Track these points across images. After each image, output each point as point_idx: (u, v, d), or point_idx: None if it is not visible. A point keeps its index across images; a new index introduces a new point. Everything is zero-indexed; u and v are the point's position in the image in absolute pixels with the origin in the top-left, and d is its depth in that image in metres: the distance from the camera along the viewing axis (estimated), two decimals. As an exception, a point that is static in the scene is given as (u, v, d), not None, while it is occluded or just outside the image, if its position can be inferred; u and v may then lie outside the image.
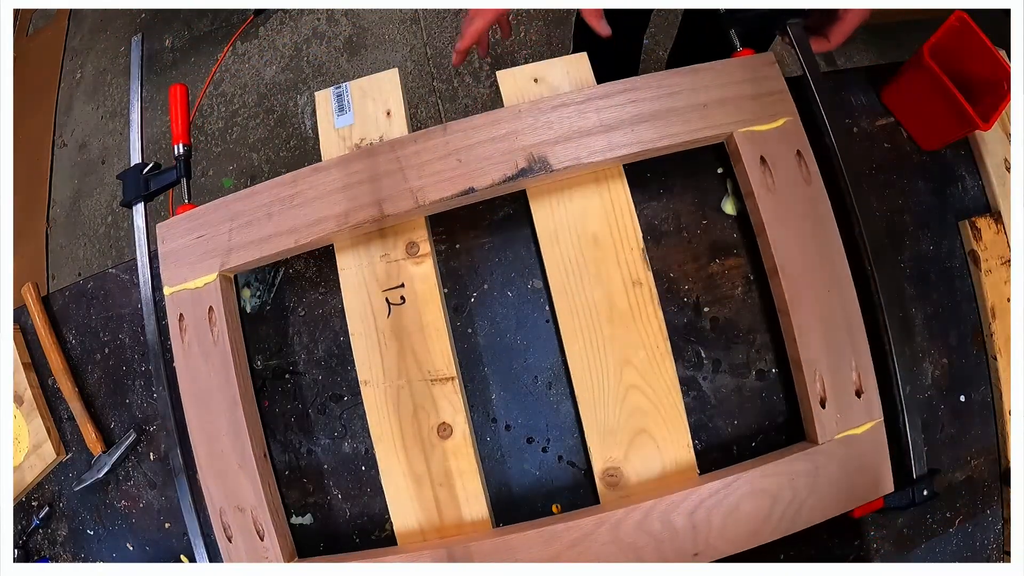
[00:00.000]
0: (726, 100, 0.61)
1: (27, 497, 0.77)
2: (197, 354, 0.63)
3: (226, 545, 0.61)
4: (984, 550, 0.65)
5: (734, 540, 0.55)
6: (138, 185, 0.73)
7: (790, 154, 0.60)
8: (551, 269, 0.63)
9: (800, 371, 0.58)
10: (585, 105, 0.61)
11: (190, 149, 0.74)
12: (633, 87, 0.61)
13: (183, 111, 0.75)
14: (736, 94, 0.61)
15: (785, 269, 0.58)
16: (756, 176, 0.60)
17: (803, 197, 0.60)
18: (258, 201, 0.63)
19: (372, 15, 1.89)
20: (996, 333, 0.65)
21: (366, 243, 0.65)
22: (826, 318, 0.58)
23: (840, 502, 0.56)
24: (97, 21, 2.18)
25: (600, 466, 0.60)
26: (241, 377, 0.63)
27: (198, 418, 0.63)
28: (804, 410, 0.60)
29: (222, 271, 0.63)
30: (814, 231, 0.59)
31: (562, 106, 0.61)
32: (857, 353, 0.58)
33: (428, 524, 0.60)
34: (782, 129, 0.61)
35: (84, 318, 0.77)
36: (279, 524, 0.62)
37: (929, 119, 0.67)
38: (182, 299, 0.64)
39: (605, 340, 0.61)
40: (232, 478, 0.61)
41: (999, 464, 0.65)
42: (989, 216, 0.68)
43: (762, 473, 0.56)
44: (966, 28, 0.63)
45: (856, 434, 0.57)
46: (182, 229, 0.65)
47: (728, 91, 0.61)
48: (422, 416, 0.62)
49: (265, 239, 0.62)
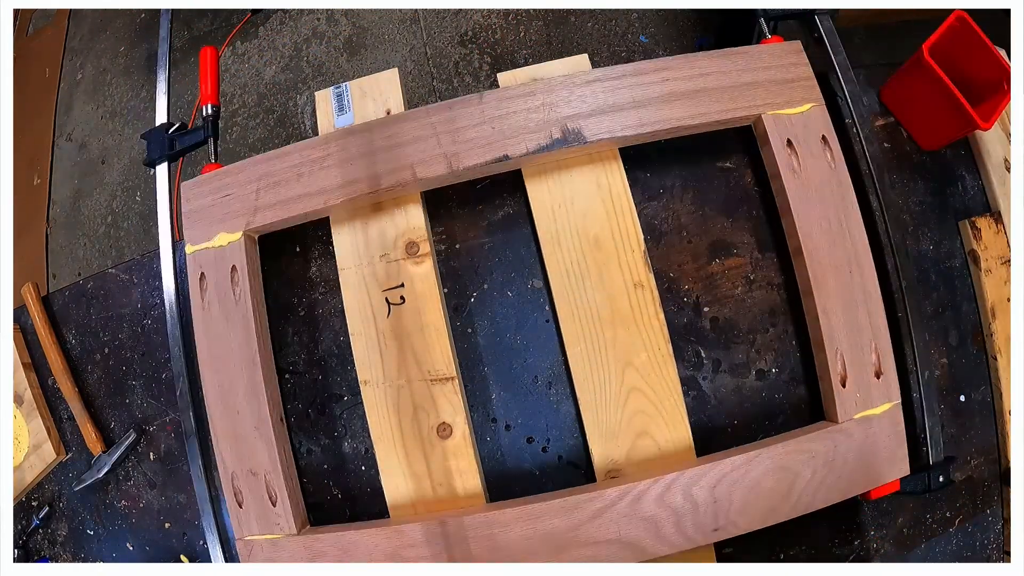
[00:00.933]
0: (755, 84, 0.62)
1: (27, 497, 0.77)
2: (217, 313, 0.62)
3: (236, 511, 0.61)
4: (984, 550, 0.65)
5: (753, 516, 0.56)
6: (162, 144, 0.72)
7: (815, 139, 0.61)
8: (552, 272, 0.63)
9: (822, 350, 0.59)
10: (619, 81, 0.62)
11: (218, 109, 0.73)
12: (666, 67, 0.62)
13: (213, 73, 0.75)
14: (765, 79, 0.62)
15: (809, 249, 0.59)
16: (783, 158, 0.61)
17: (828, 181, 0.61)
18: (288, 162, 0.63)
19: (372, 15, 1.89)
20: (996, 333, 0.65)
21: (367, 244, 0.65)
22: (847, 300, 0.59)
23: (858, 482, 0.57)
24: (97, 21, 2.18)
25: (602, 467, 0.60)
26: (261, 337, 0.62)
27: (215, 379, 0.62)
28: (824, 389, 0.60)
29: (247, 230, 0.63)
30: (837, 214, 0.60)
31: (596, 81, 0.62)
32: (877, 335, 0.59)
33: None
34: (808, 114, 0.62)
35: (84, 318, 0.77)
36: (292, 490, 0.61)
37: (929, 119, 0.67)
38: (205, 258, 0.64)
39: (606, 343, 0.61)
40: (247, 441, 0.60)
41: (999, 464, 0.65)
42: (989, 216, 0.68)
43: (784, 449, 0.56)
44: (966, 28, 0.62)
45: (875, 414, 0.58)
46: (208, 188, 0.65)
47: (757, 75, 0.62)
48: (422, 416, 0.62)
49: (294, 199, 0.63)
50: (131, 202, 1.92)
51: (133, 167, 1.94)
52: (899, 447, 0.58)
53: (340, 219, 0.65)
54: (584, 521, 0.55)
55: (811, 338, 0.62)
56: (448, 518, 0.57)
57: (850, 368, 0.58)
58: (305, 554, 0.59)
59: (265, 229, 0.65)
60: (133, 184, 1.93)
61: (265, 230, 0.65)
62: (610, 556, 0.55)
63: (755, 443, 0.59)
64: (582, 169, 0.64)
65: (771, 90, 0.62)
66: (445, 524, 0.56)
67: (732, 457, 0.56)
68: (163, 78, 0.77)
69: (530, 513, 0.56)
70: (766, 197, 0.65)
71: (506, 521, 0.56)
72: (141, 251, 1.52)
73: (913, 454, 0.58)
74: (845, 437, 0.57)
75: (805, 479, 0.56)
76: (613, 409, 0.60)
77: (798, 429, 0.60)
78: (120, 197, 1.92)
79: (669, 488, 0.55)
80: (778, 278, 0.65)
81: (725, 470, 0.56)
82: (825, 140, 0.61)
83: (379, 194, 0.62)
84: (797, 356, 0.64)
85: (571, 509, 0.56)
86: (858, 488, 0.57)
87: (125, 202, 1.93)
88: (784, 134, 0.61)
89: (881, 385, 0.58)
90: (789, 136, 0.61)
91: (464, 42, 1.82)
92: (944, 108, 0.63)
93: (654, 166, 0.67)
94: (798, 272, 0.62)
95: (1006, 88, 0.61)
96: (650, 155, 0.66)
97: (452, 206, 0.68)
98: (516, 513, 0.56)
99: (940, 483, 0.59)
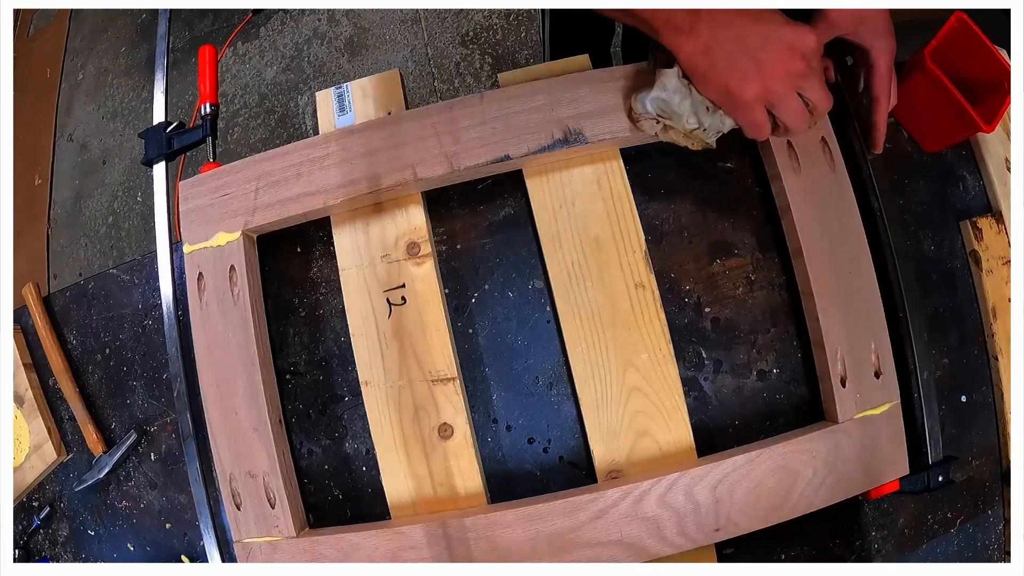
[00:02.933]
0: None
1: (28, 497, 0.77)
2: (215, 313, 0.62)
3: (235, 513, 0.60)
4: (985, 551, 0.65)
5: (755, 516, 0.56)
6: (160, 143, 0.72)
7: (815, 139, 0.61)
8: (553, 273, 0.63)
9: (822, 350, 0.59)
10: (620, 82, 0.62)
11: (217, 108, 0.73)
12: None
13: (212, 72, 0.75)
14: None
15: (808, 250, 0.59)
16: (783, 159, 0.61)
17: (827, 181, 0.61)
18: (288, 161, 0.63)
19: (373, 15, 1.89)
20: (997, 333, 0.65)
21: (367, 244, 0.65)
22: (847, 299, 0.59)
23: (858, 481, 0.57)
24: (98, 22, 2.18)
25: (603, 468, 0.60)
26: (260, 338, 0.62)
27: (213, 379, 0.62)
28: (824, 389, 0.61)
29: (246, 230, 0.63)
30: (837, 215, 0.60)
31: (597, 81, 0.62)
32: (876, 335, 0.59)
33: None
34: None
35: (85, 318, 0.77)
36: (291, 492, 0.61)
37: (931, 121, 0.67)
38: (202, 257, 0.63)
39: (608, 343, 0.61)
40: (245, 442, 0.60)
41: (1000, 464, 0.65)
42: (990, 216, 0.68)
43: (784, 449, 0.56)
44: (966, 29, 0.62)
45: (874, 414, 0.58)
46: (206, 187, 0.65)
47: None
48: (423, 416, 0.62)
49: (293, 199, 0.62)
50: (132, 202, 1.92)
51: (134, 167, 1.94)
52: (899, 447, 0.58)
53: (341, 219, 0.65)
54: (586, 522, 0.56)
55: (811, 338, 0.62)
56: (449, 519, 0.57)
57: (850, 368, 0.58)
58: (304, 556, 0.59)
59: (264, 229, 0.65)
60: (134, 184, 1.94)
61: (264, 230, 0.65)
62: (612, 557, 0.56)
63: (756, 443, 0.59)
64: (583, 169, 0.63)
65: None
66: (446, 525, 0.57)
67: (733, 457, 0.56)
68: (161, 77, 0.77)
69: (531, 514, 0.56)
70: (767, 197, 0.65)
71: (507, 522, 0.56)
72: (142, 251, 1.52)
73: (913, 454, 0.58)
74: (845, 437, 0.57)
75: (806, 479, 0.56)
76: (614, 409, 0.60)
77: (798, 429, 0.60)
78: (121, 197, 1.93)
79: (671, 488, 0.55)
80: (779, 279, 0.65)
81: (726, 470, 0.56)
82: (825, 141, 0.61)
83: (379, 194, 0.62)
84: (798, 357, 0.64)
85: (572, 510, 0.56)
86: (858, 487, 0.57)
87: (126, 202, 1.93)
88: (783, 136, 0.61)
89: (881, 385, 0.58)
90: (789, 138, 0.61)
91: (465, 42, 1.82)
92: (946, 111, 0.63)
93: (655, 166, 0.67)
94: (798, 272, 0.62)
95: (1007, 89, 0.61)
96: (651, 155, 0.66)
97: (453, 206, 0.68)
98: (517, 514, 0.56)
99: (940, 482, 0.58)
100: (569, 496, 0.56)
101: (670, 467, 0.58)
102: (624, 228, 0.63)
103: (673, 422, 0.60)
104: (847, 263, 0.59)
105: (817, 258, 0.59)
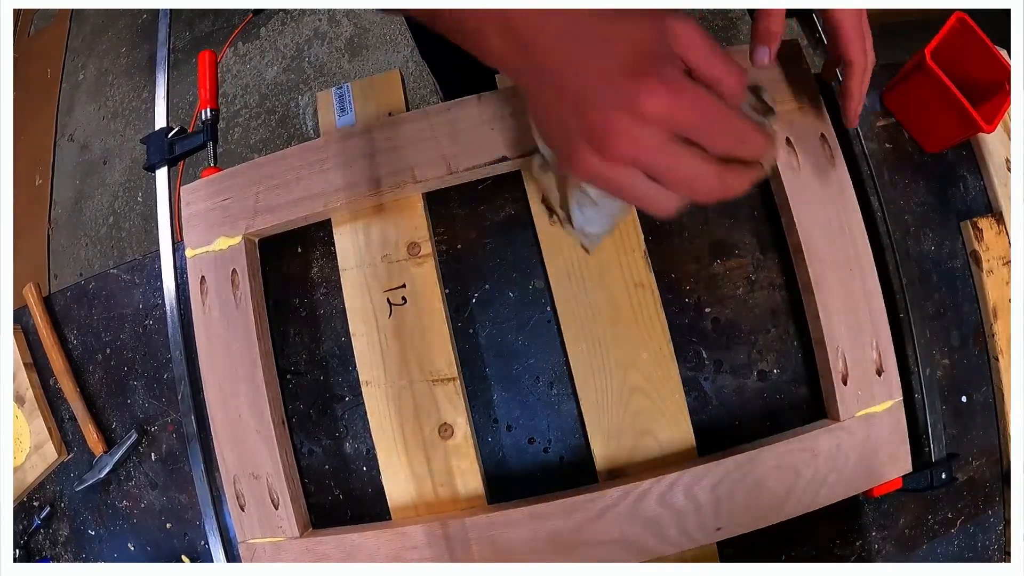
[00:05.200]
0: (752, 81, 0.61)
1: (28, 497, 0.77)
2: (218, 317, 0.63)
3: (238, 514, 0.61)
4: (987, 551, 0.65)
5: (756, 515, 0.56)
6: (162, 149, 0.72)
7: (814, 137, 0.61)
8: (553, 273, 0.63)
9: (823, 348, 0.59)
10: None
11: (217, 113, 0.73)
12: None
13: (211, 77, 0.75)
14: (764, 77, 0.61)
15: (808, 246, 0.59)
16: (782, 157, 0.61)
17: (827, 179, 0.61)
18: (287, 165, 0.64)
19: (373, 16, 1.89)
20: (998, 334, 0.65)
21: (368, 245, 0.65)
22: (848, 297, 0.59)
23: (860, 479, 0.57)
24: (99, 22, 2.18)
25: (604, 467, 0.60)
26: (263, 340, 0.63)
27: (215, 381, 0.62)
28: (825, 387, 0.60)
29: (247, 234, 0.64)
30: (837, 212, 0.60)
31: None
32: (878, 333, 0.59)
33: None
34: (806, 112, 0.62)
35: (86, 318, 0.77)
36: (295, 493, 0.61)
37: (932, 121, 0.67)
38: (204, 262, 0.64)
39: (608, 343, 0.61)
40: (248, 444, 0.61)
41: (1001, 465, 0.65)
42: (991, 216, 0.68)
43: (785, 448, 0.56)
44: (966, 29, 0.62)
45: (876, 412, 0.58)
46: (207, 192, 0.65)
47: (757, 74, 0.61)
48: (423, 416, 0.62)
49: (294, 202, 0.63)
50: (132, 203, 1.92)
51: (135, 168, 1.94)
52: (901, 444, 0.58)
53: (342, 220, 0.66)
54: (586, 521, 0.55)
55: (812, 336, 0.62)
56: (450, 520, 0.57)
57: (851, 365, 0.58)
58: (308, 557, 0.59)
59: (265, 232, 0.65)
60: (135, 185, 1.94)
61: (265, 233, 0.65)
62: (613, 556, 0.56)
63: (757, 442, 0.59)
64: (583, 169, 0.63)
65: (768, 87, 0.61)
66: (447, 526, 0.57)
67: (734, 456, 0.56)
68: (162, 82, 0.77)
69: (532, 514, 0.56)
70: (767, 198, 0.65)
71: (508, 522, 0.56)
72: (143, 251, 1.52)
73: (915, 452, 0.58)
74: (847, 435, 0.57)
75: (807, 477, 0.56)
76: (615, 409, 0.60)
77: (800, 427, 0.60)
78: (122, 198, 1.93)
79: (671, 488, 0.55)
80: (780, 279, 0.65)
81: (727, 469, 0.56)
82: (824, 138, 0.61)
83: (379, 196, 0.62)
84: (799, 357, 0.64)
85: (573, 510, 0.56)
86: (860, 485, 0.57)
87: (127, 203, 1.93)
88: (783, 132, 0.61)
89: (883, 382, 0.58)
90: (789, 135, 0.61)
91: (465, 43, 1.81)
92: (947, 111, 0.63)
93: (655, 167, 0.66)
94: (798, 269, 0.62)
95: (1008, 89, 0.61)
96: (651, 156, 0.66)
97: (454, 206, 0.68)
98: (518, 514, 0.56)
99: (943, 480, 0.59)
100: (570, 496, 0.56)
101: (671, 467, 0.58)
102: (624, 228, 0.63)
103: (674, 422, 0.60)
104: (847, 259, 0.59)
105: (817, 255, 0.59)
